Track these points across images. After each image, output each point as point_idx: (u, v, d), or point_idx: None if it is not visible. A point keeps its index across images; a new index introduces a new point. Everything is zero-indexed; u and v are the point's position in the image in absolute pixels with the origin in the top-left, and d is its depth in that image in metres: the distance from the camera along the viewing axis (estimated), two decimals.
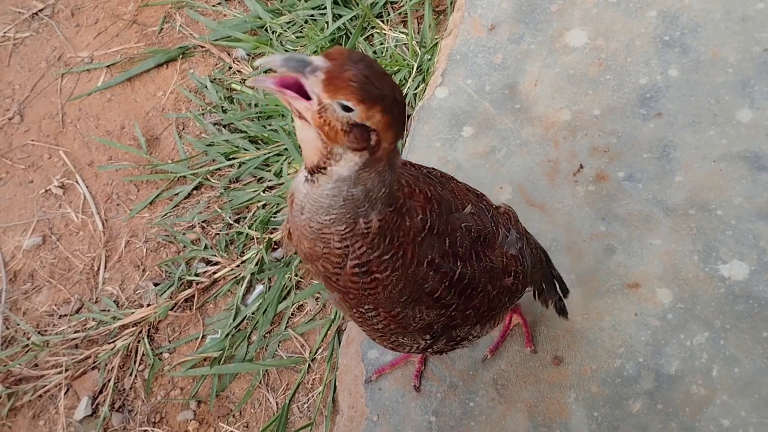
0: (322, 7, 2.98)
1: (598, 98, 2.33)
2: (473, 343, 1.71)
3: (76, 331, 2.54)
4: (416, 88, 2.66)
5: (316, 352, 2.35)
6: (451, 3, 2.82)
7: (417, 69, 2.68)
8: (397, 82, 2.60)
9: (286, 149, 2.69)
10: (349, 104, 1.11)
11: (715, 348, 1.92)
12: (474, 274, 1.46)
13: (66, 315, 2.59)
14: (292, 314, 2.44)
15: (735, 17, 2.38)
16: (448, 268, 1.41)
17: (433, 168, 1.57)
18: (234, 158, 2.74)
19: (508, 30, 2.54)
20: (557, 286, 1.90)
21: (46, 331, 2.56)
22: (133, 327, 2.51)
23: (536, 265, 1.74)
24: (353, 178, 1.21)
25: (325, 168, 1.20)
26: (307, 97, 1.13)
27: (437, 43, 2.68)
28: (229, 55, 3.03)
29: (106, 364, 2.45)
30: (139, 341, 2.48)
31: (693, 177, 2.15)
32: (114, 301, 2.58)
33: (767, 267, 1.99)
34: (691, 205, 2.11)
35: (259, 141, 2.76)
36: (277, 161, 2.69)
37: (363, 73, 1.10)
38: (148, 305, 2.54)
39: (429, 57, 2.68)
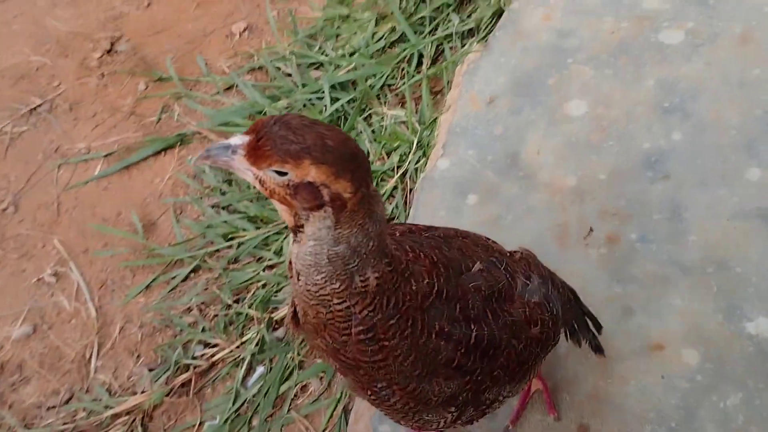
0: (320, 91, 3.00)
1: (603, 163, 2.31)
2: (503, 403, 1.60)
3: (65, 423, 2.39)
4: (417, 162, 2.64)
5: None
6: (447, 83, 2.85)
7: (417, 144, 2.67)
8: (398, 157, 2.60)
9: (286, 227, 2.63)
10: (278, 169, 1.09)
11: (751, 409, 1.81)
12: (493, 332, 1.39)
13: (54, 406, 2.46)
14: (295, 395, 2.32)
15: (733, 83, 2.41)
16: (460, 333, 1.34)
17: (434, 226, 1.52)
18: (233, 239, 2.67)
19: (506, 103, 2.55)
20: (589, 323, 1.82)
21: (33, 424, 2.41)
22: (125, 415, 2.37)
23: (565, 305, 1.66)
24: (332, 237, 1.16)
25: (302, 226, 1.17)
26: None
27: (436, 118, 2.69)
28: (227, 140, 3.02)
29: None
30: (132, 430, 2.33)
31: (707, 236, 2.10)
32: (106, 390, 2.44)
33: None
34: (709, 264, 2.05)
35: (259, 220, 2.71)
36: (277, 240, 2.63)
37: (278, 134, 1.08)
38: (142, 392, 2.40)
39: (428, 132, 2.68)
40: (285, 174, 1.09)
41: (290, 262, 1.25)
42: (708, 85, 2.42)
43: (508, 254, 1.60)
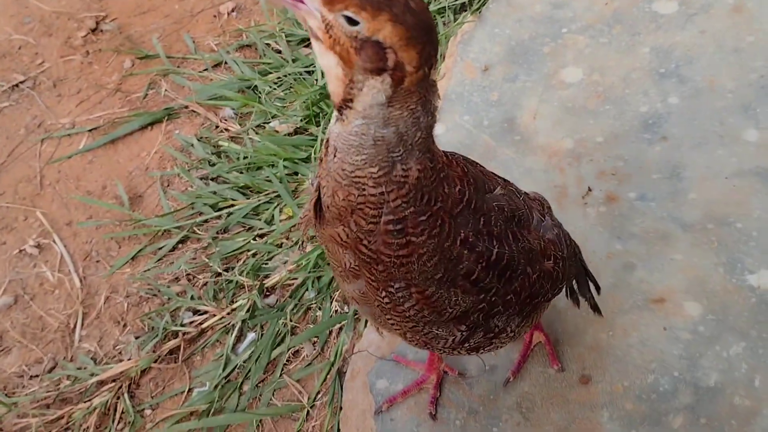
0: (312, 65, 2.97)
1: (600, 127, 2.30)
2: (505, 343, 1.56)
3: (48, 391, 2.31)
4: None
5: (315, 398, 2.15)
6: (441, 56, 2.82)
7: None
8: None
9: (278, 195, 2.58)
10: (350, 14, 1.00)
11: (754, 358, 1.78)
12: (513, 254, 1.35)
13: (38, 375, 2.37)
14: (287, 361, 2.26)
15: (727, 50, 2.41)
16: (483, 247, 1.30)
17: (456, 152, 1.49)
18: (222, 209, 2.62)
19: (502, 71, 2.53)
20: (588, 282, 1.80)
21: (14, 393, 2.33)
22: (111, 383, 2.29)
23: (571, 257, 1.63)
24: (382, 116, 1.09)
25: (351, 100, 1.09)
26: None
27: None
28: (216, 114, 2.97)
29: (80, 424, 2.21)
30: (118, 398, 2.26)
31: (707, 194, 2.08)
32: (91, 358, 2.37)
33: None
34: (709, 220, 2.03)
35: (248, 190, 2.66)
36: (268, 209, 2.58)
37: None
38: (129, 360, 2.33)
39: None
40: (357, 24, 1.01)
41: (326, 141, 1.19)
42: (703, 52, 2.42)
43: (525, 192, 1.58)
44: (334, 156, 1.16)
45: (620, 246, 2.03)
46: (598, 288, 1.82)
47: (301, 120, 2.80)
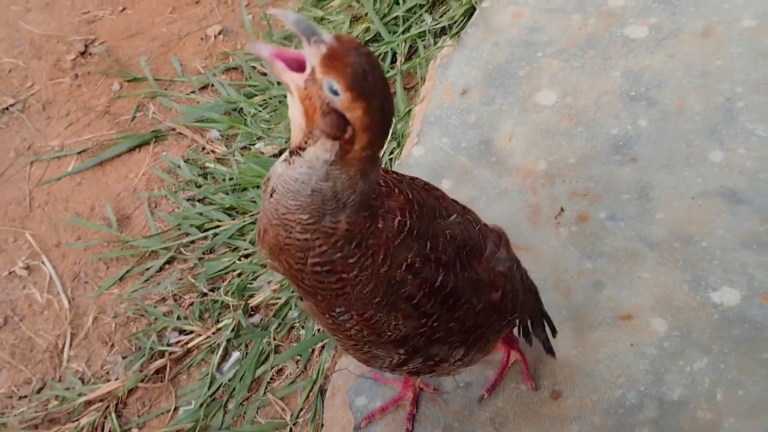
0: None
1: (573, 148, 2.38)
2: (457, 371, 1.61)
3: (36, 411, 2.36)
4: (391, 153, 2.69)
5: (298, 415, 2.21)
6: (421, 78, 2.91)
7: (392, 135, 2.71)
8: None
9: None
10: (337, 88, 1.10)
11: (716, 372, 1.86)
12: (458, 283, 1.41)
13: (26, 395, 2.42)
14: (271, 379, 2.32)
15: (696, 73, 2.50)
16: (429, 273, 1.35)
17: (418, 178, 1.55)
18: (208, 230, 2.68)
19: (479, 94, 2.62)
20: (546, 324, 1.85)
21: (3, 413, 2.38)
22: (99, 402, 2.35)
23: (527, 293, 1.69)
24: (324, 171, 1.18)
25: (304, 149, 1.18)
26: (298, 71, 1.13)
27: (410, 109, 2.74)
28: (202, 136, 3.04)
29: None
30: (105, 417, 2.32)
31: (673, 213, 2.16)
32: (79, 378, 2.42)
33: (757, 292, 1.98)
34: (675, 239, 2.11)
35: (234, 211, 2.73)
36: (252, 229, 2.64)
37: (363, 66, 1.09)
38: (116, 379, 2.38)
39: (403, 123, 2.73)
40: (337, 95, 1.10)
41: (267, 180, 1.27)
42: (672, 76, 2.50)
43: (483, 222, 1.62)
44: (271, 196, 1.25)
45: (590, 264, 2.11)
46: (554, 330, 1.87)
47: (286, 142, 2.87)
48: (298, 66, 1.13)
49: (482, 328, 1.53)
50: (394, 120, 1.20)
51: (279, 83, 3.09)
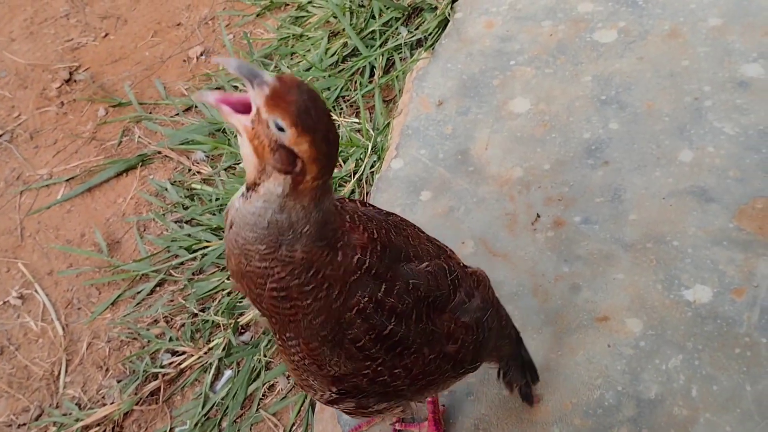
0: None
1: (547, 154, 2.43)
2: (392, 414, 1.64)
3: None
4: (372, 166, 2.74)
5: (290, 430, 2.26)
6: (399, 90, 2.96)
7: (372, 148, 2.77)
8: (354, 163, 2.69)
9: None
10: (283, 124, 1.15)
11: (690, 369, 1.91)
12: (408, 334, 1.41)
13: (25, 423, 2.47)
14: (263, 395, 2.36)
15: (664, 74, 2.55)
16: (378, 321, 1.36)
17: (394, 214, 1.56)
18: (196, 251, 2.73)
19: (455, 104, 2.67)
20: (526, 370, 1.84)
21: None
22: (96, 427, 2.40)
23: (503, 339, 1.70)
24: (279, 204, 1.23)
25: (258, 185, 1.23)
26: (245, 113, 1.19)
27: (389, 123, 2.80)
28: (188, 158, 3.09)
29: None
30: None
31: (646, 214, 2.21)
32: (76, 404, 2.47)
33: (729, 288, 2.03)
34: (648, 240, 2.16)
35: (221, 231, 2.77)
36: None
37: (305, 102, 1.15)
38: (112, 403, 2.43)
39: (382, 136, 2.78)
40: (283, 132, 1.15)
41: (226, 212, 1.32)
42: (641, 78, 2.56)
43: (462, 265, 1.61)
44: (230, 228, 1.31)
45: (567, 268, 2.16)
46: (534, 377, 1.87)
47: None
48: (244, 108, 1.18)
49: (432, 376, 1.52)
50: (339, 149, 1.25)
51: None
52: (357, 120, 2.95)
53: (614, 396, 1.90)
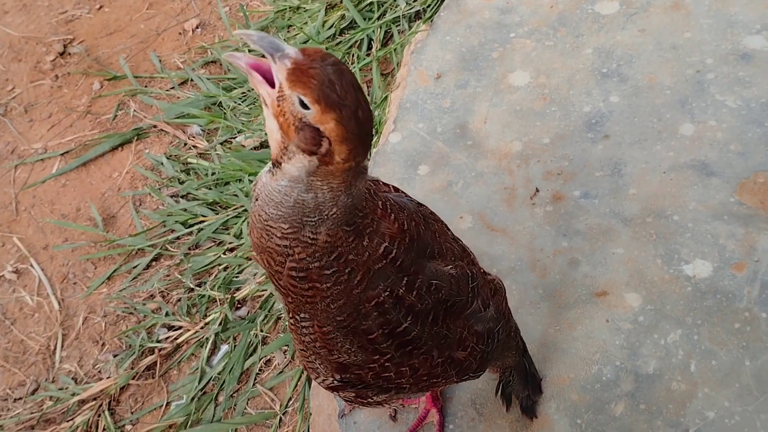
0: None
1: (546, 128, 2.40)
2: (390, 405, 1.61)
3: (32, 413, 2.40)
4: None
5: (287, 405, 2.25)
6: (397, 64, 2.92)
7: None
8: None
9: (245, 210, 2.68)
10: (306, 101, 1.09)
11: (689, 344, 1.89)
12: (422, 335, 1.38)
13: (21, 398, 2.46)
14: (260, 370, 2.36)
15: (666, 47, 2.51)
16: (395, 317, 1.33)
17: (424, 205, 1.51)
18: (192, 225, 2.71)
19: (453, 77, 2.63)
20: (529, 382, 1.82)
21: (0, 416, 2.42)
22: (92, 401, 2.39)
23: (510, 350, 1.67)
24: (305, 183, 1.17)
25: (281, 163, 1.18)
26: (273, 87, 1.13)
27: (387, 96, 2.76)
28: (184, 132, 3.06)
29: None
30: (99, 415, 2.36)
31: (646, 188, 2.19)
32: (72, 378, 2.46)
33: (729, 263, 2.01)
34: (648, 214, 2.14)
35: (218, 206, 2.75)
36: (236, 223, 2.67)
37: (329, 76, 1.08)
38: (108, 378, 2.43)
39: (380, 110, 2.75)
40: (307, 109, 1.10)
41: (254, 183, 1.27)
42: (642, 50, 2.52)
43: (483, 271, 1.58)
44: (256, 200, 1.25)
45: (566, 243, 2.14)
46: (537, 391, 1.85)
47: (267, 134, 2.89)
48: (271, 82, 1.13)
49: (435, 379, 1.50)
50: (373, 127, 1.18)
51: None
52: None
53: (612, 371, 1.88)
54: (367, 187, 1.28)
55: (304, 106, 1.09)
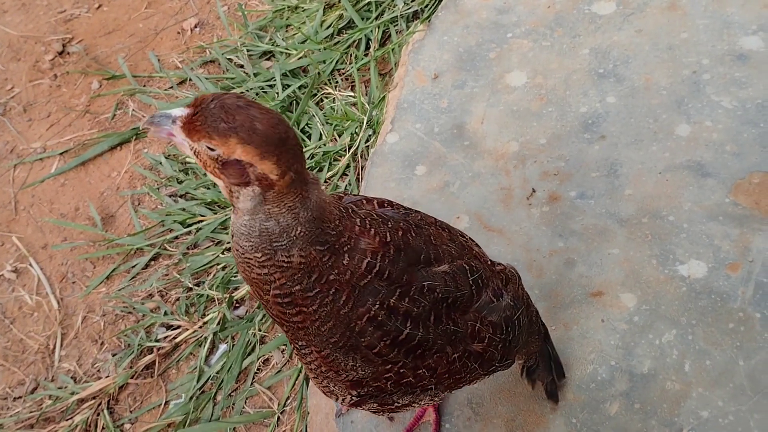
0: (272, 79, 3.07)
1: (543, 129, 2.41)
2: (419, 406, 1.61)
3: (31, 412, 2.41)
4: (367, 140, 2.72)
5: (285, 404, 2.27)
6: (395, 64, 2.93)
7: (367, 122, 2.75)
8: (349, 137, 2.67)
9: None
10: (207, 144, 1.17)
11: (684, 344, 1.91)
12: (427, 336, 1.38)
13: (21, 397, 2.48)
14: (258, 369, 2.37)
15: (662, 47, 2.52)
16: (393, 326, 1.34)
17: (416, 211, 1.52)
18: (191, 225, 2.72)
19: (451, 78, 2.64)
20: (553, 367, 1.83)
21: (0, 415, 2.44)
22: (91, 400, 2.40)
23: (533, 335, 1.69)
24: (263, 212, 1.23)
25: (235, 206, 1.25)
26: None
27: (385, 96, 2.77)
28: None
29: None
30: (98, 414, 2.37)
31: (642, 189, 2.20)
32: (71, 377, 2.48)
33: (724, 263, 2.02)
34: (644, 215, 2.15)
35: (216, 205, 2.76)
36: None
37: (212, 111, 1.15)
38: (107, 377, 2.44)
39: (378, 110, 2.76)
40: (213, 150, 1.17)
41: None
42: (639, 51, 2.53)
43: (489, 263, 1.58)
44: (232, 237, 1.31)
45: (562, 243, 2.15)
46: (560, 376, 1.86)
47: None
48: None
49: (458, 374, 1.51)
50: (286, 132, 1.21)
51: (256, 74, 3.12)
52: (352, 93, 2.92)
53: (607, 370, 1.90)
54: (341, 208, 1.32)
55: (210, 149, 1.17)
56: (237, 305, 2.51)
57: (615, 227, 2.14)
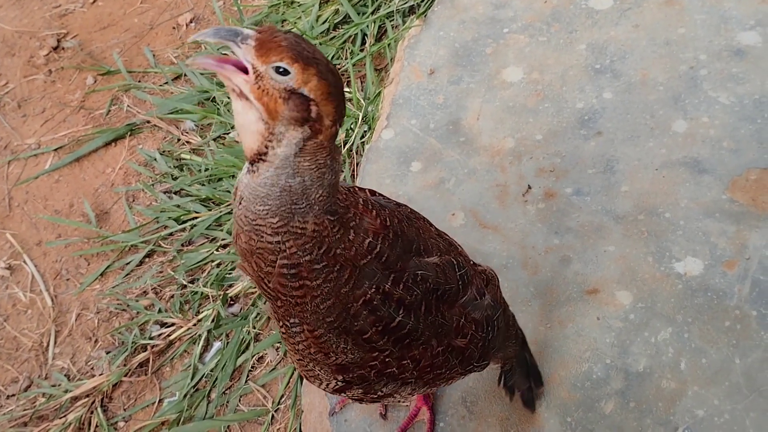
0: None
1: (539, 125, 2.39)
2: (408, 399, 1.61)
3: (25, 409, 2.40)
4: (363, 137, 2.70)
5: (279, 402, 2.25)
6: (391, 59, 2.91)
7: (362, 118, 2.73)
8: (344, 133, 2.66)
9: None
10: (283, 65, 1.10)
11: (680, 342, 1.89)
12: (418, 325, 1.37)
13: (14, 394, 2.46)
14: (252, 367, 2.36)
15: (659, 42, 2.50)
16: (386, 312, 1.33)
17: (404, 205, 1.51)
18: (185, 222, 2.71)
19: (447, 73, 2.62)
20: (530, 374, 1.82)
21: None
22: (85, 398, 2.39)
23: (510, 339, 1.67)
24: (292, 167, 1.17)
25: (266, 153, 1.17)
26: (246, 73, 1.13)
27: (380, 92, 2.75)
28: (177, 128, 3.05)
29: None
30: (92, 412, 2.36)
31: (638, 185, 2.19)
32: (65, 375, 2.46)
33: (720, 260, 2.01)
34: (640, 212, 2.14)
35: (210, 202, 2.75)
36: (229, 219, 2.67)
37: (293, 38, 1.12)
38: (101, 374, 2.43)
39: (373, 106, 2.74)
40: (288, 74, 1.10)
41: (236, 189, 1.26)
42: (636, 46, 2.51)
43: (471, 263, 1.58)
44: (240, 203, 1.24)
45: (558, 240, 2.13)
46: (538, 383, 1.85)
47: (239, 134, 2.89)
48: (242, 70, 1.13)
49: (440, 369, 1.50)
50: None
51: None
52: (348, 89, 2.90)
53: (602, 369, 1.89)
54: (344, 186, 1.30)
55: (282, 72, 1.11)
56: (231, 302, 2.50)
57: (611, 224, 2.13)
